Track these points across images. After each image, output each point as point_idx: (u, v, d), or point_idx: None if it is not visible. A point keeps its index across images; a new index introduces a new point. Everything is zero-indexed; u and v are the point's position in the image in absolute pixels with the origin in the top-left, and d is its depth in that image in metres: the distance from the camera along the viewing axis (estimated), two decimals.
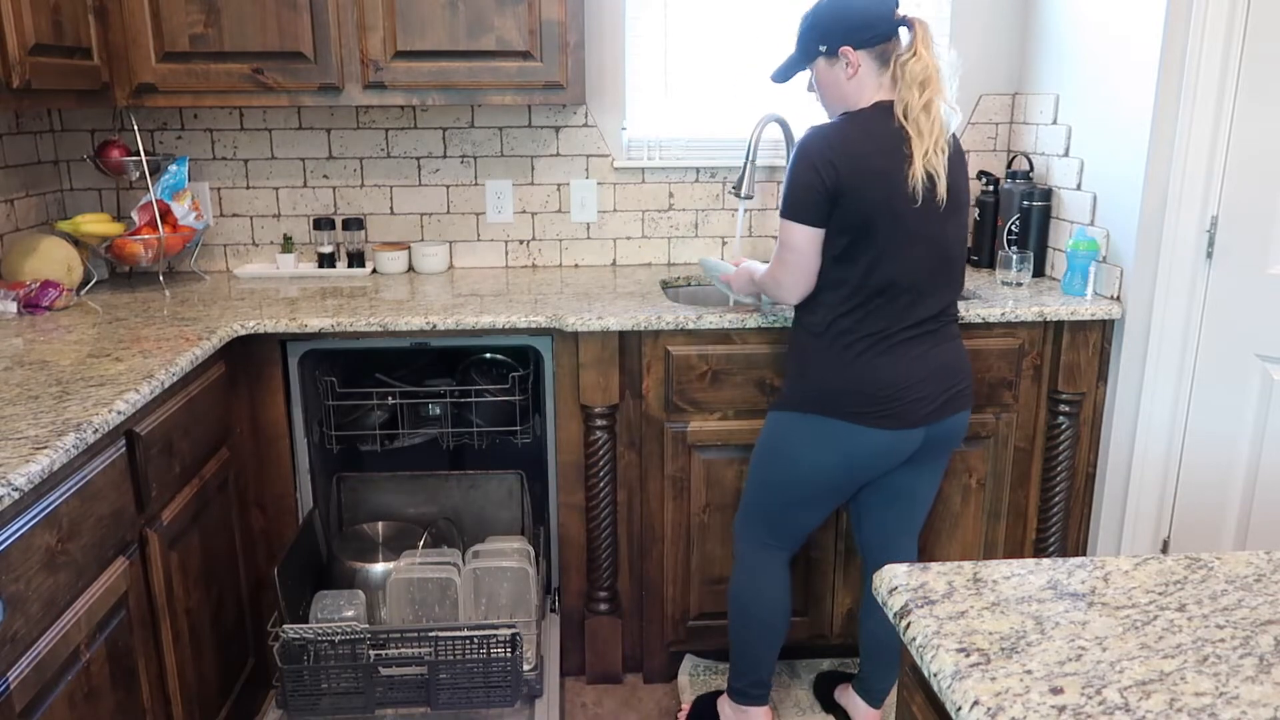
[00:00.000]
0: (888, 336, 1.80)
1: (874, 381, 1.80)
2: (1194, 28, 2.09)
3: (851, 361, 1.81)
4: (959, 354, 1.89)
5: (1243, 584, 0.99)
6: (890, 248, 1.76)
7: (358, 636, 1.92)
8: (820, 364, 1.85)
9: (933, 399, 1.83)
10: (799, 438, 1.89)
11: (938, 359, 1.84)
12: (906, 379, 1.81)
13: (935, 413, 1.84)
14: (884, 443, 1.84)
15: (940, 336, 1.85)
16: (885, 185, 1.73)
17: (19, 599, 1.26)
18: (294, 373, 2.23)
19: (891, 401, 1.80)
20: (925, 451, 1.90)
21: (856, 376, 1.81)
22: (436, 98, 2.38)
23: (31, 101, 2.02)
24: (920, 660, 0.89)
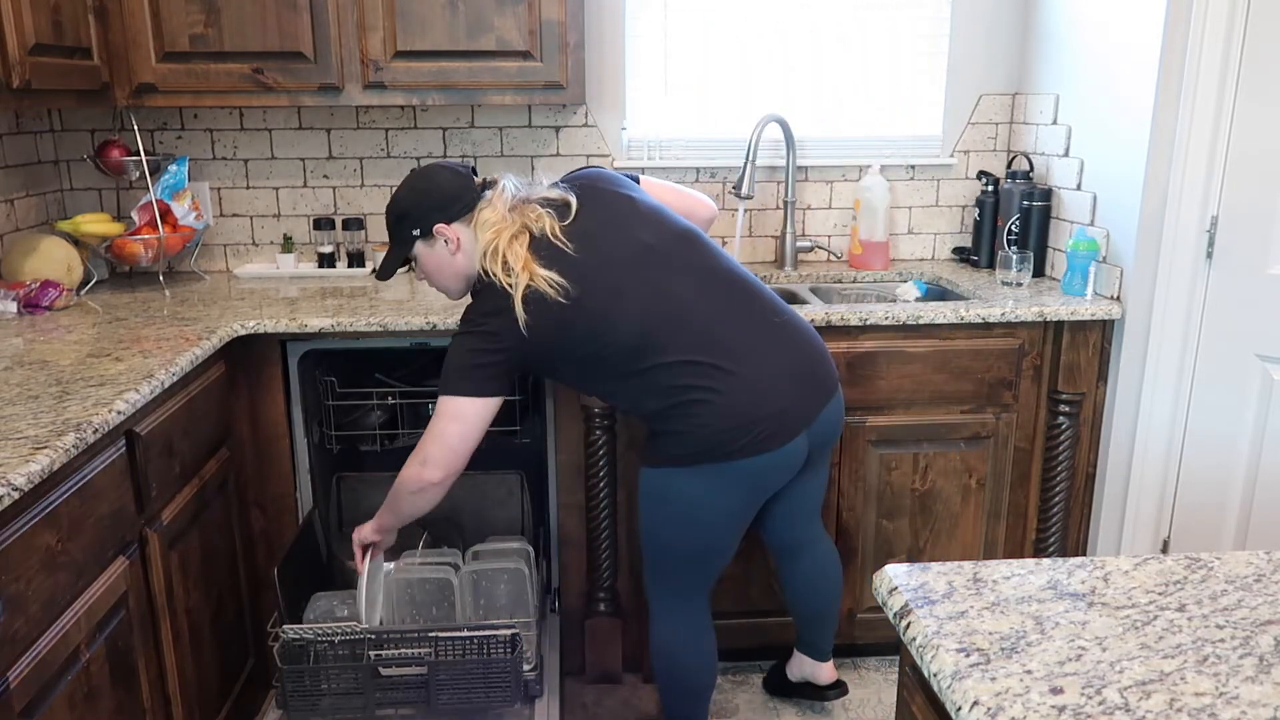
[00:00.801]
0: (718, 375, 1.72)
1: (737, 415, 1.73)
2: (1194, 28, 2.09)
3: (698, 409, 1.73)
4: (797, 343, 1.82)
5: (1243, 584, 0.99)
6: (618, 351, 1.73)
7: (358, 637, 1.92)
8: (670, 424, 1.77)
9: (799, 401, 1.79)
10: (694, 494, 1.80)
11: (776, 363, 1.78)
12: (761, 399, 1.75)
13: (807, 411, 1.81)
14: (776, 462, 1.79)
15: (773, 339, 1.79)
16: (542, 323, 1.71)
17: (19, 599, 1.26)
18: (294, 373, 2.23)
19: (762, 425, 1.74)
20: (818, 447, 1.90)
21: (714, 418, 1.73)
22: (436, 98, 2.38)
23: (31, 101, 2.02)
24: (920, 660, 0.89)
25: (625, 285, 1.74)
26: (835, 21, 2.75)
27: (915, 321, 2.23)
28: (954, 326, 2.26)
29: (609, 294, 1.73)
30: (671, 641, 1.97)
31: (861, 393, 2.27)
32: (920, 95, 2.81)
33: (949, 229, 2.89)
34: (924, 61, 2.79)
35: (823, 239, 2.87)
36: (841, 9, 2.74)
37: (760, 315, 1.81)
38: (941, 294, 2.60)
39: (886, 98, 2.81)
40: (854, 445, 2.31)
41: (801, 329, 1.87)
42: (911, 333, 2.26)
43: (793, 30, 2.76)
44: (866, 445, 2.31)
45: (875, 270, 2.75)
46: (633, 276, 1.75)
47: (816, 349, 1.87)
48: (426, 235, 1.82)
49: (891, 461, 2.33)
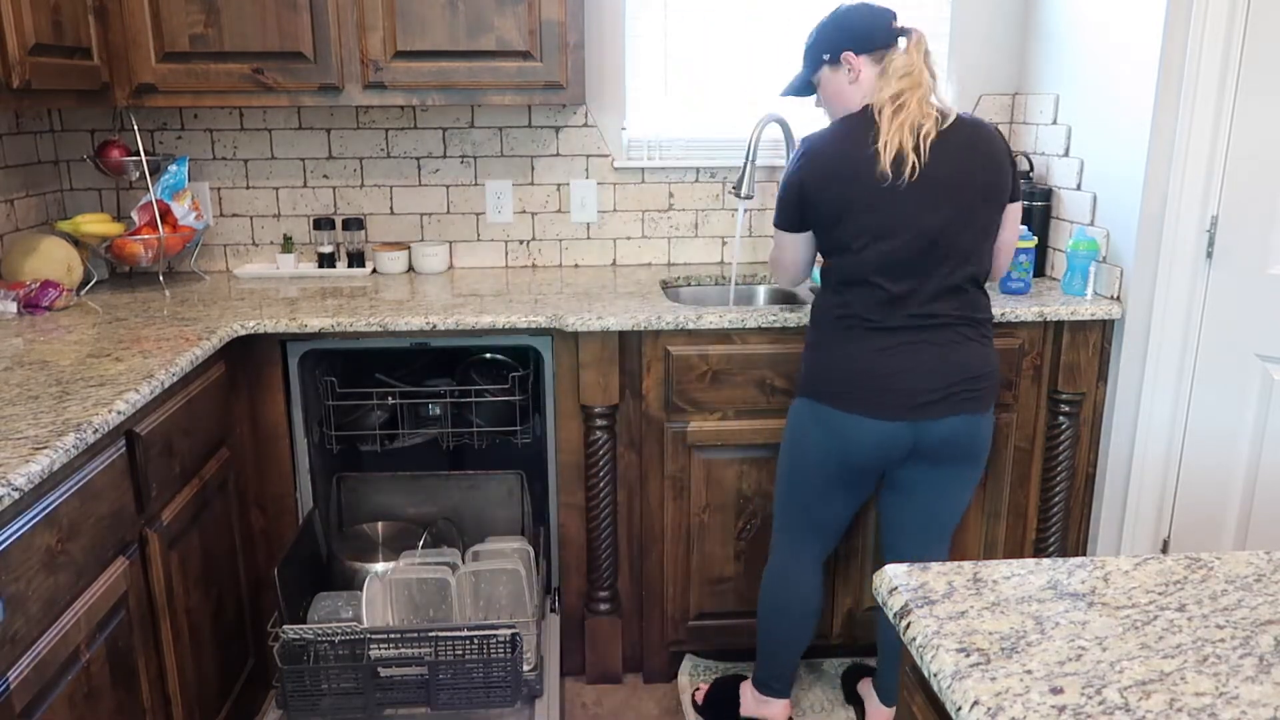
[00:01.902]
0: (868, 324, 1.82)
1: (851, 367, 1.84)
2: (1194, 28, 2.09)
3: (833, 347, 1.87)
4: (972, 355, 1.85)
5: (1243, 584, 0.99)
6: (862, 239, 1.80)
7: (358, 637, 1.92)
8: (814, 349, 1.92)
9: (922, 394, 1.81)
10: (799, 423, 1.95)
11: (937, 355, 1.82)
12: (889, 369, 1.81)
13: (925, 409, 1.82)
14: (869, 431, 1.84)
15: (938, 336, 1.83)
16: (851, 182, 1.78)
17: (19, 599, 1.26)
18: (294, 373, 2.23)
19: (870, 389, 1.82)
20: (930, 452, 1.87)
21: (835, 363, 1.86)
22: (436, 98, 2.38)
23: (31, 101, 2.02)
24: (920, 660, 0.89)
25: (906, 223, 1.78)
26: None
27: None
28: None
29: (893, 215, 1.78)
30: (770, 574, 2.09)
31: None
32: None
33: None
34: None
35: None
36: None
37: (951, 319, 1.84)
38: None
39: None
40: None
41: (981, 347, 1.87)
42: None
43: (793, 30, 2.75)
44: None
45: None
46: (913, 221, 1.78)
47: (979, 367, 1.86)
48: (834, 62, 1.86)
49: None
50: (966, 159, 1.81)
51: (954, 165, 1.79)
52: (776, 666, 2.11)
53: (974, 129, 1.84)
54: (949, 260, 1.81)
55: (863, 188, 1.78)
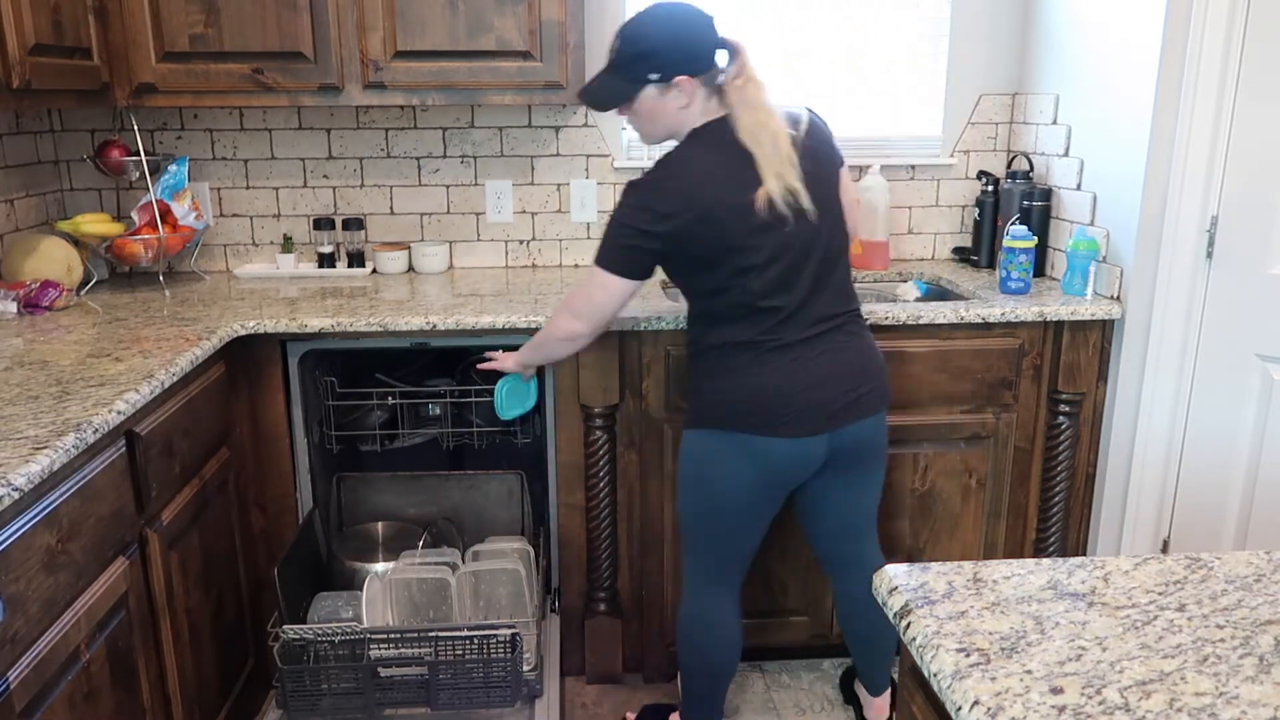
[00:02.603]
0: (766, 346, 1.77)
1: (759, 390, 1.77)
2: (1194, 28, 2.09)
3: (735, 373, 1.79)
4: (861, 356, 1.84)
5: (1243, 584, 0.99)
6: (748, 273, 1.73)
7: (358, 637, 1.92)
8: (709, 378, 1.83)
9: (828, 405, 1.79)
10: (712, 456, 1.84)
11: (831, 364, 1.79)
12: (793, 386, 1.77)
13: (833, 419, 1.80)
14: (785, 451, 1.80)
15: (833, 340, 1.80)
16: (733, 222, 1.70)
17: (19, 599, 1.26)
18: (294, 373, 2.23)
19: (781, 410, 1.77)
20: (841, 460, 1.86)
21: (741, 387, 1.78)
22: (436, 98, 2.38)
23: (31, 101, 2.02)
24: (920, 660, 0.89)
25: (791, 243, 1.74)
26: (835, 21, 2.75)
27: (915, 321, 2.23)
28: (954, 326, 2.26)
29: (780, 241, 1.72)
30: (687, 619, 2.00)
31: None
32: (920, 95, 2.81)
33: (949, 229, 2.89)
34: (924, 61, 2.79)
35: None
36: (842, 9, 2.74)
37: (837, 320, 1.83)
38: (941, 294, 2.60)
39: (886, 98, 2.81)
40: None
41: (866, 343, 1.87)
42: (911, 333, 2.26)
43: (793, 30, 2.76)
44: None
45: (875, 270, 2.75)
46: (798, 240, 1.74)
47: (872, 366, 1.86)
48: (664, 82, 1.73)
49: (891, 461, 2.33)
50: (818, 161, 1.78)
51: (814, 172, 1.76)
52: (707, 707, 2.06)
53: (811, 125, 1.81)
54: (831, 259, 1.80)
55: (738, 231, 1.70)
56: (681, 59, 1.72)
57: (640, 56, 1.73)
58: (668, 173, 1.73)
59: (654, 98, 1.75)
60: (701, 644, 1.99)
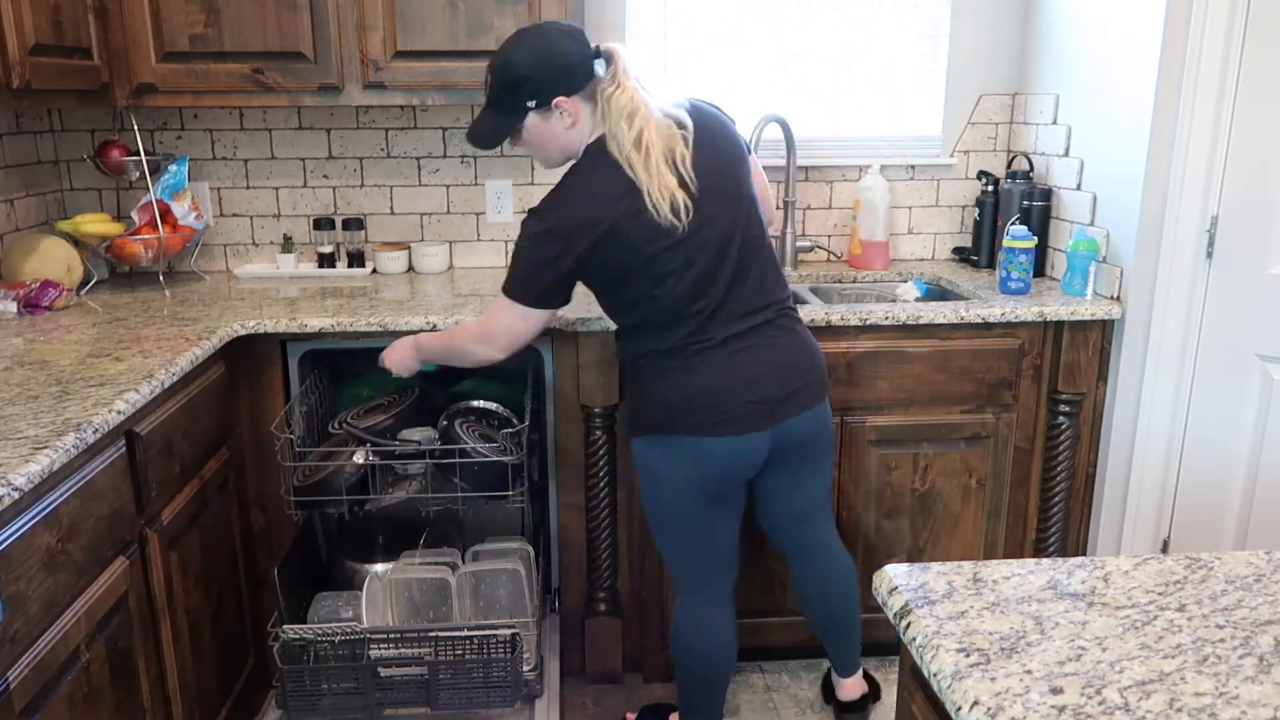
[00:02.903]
0: (694, 348, 1.77)
1: (694, 391, 1.77)
2: (1194, 28, 2.09)
3: (668, 378, 1.79)
4: (796, 350, 1.83)
5: (1243, 584, 0.99)
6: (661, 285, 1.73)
7: (358, 637, 1.92)
8: (646, 383, 1.83)
9: (766, 402, 1.79)
10: (655, 463, 1.85)
11: (765, 360, 1.79)
12: (728, 384, 1.77)
13: (771, 415, 1.79)
14: (727, 449, 1.79)
15: (763, 336, 1.80)
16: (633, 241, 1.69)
17: (19, 599, 1.26)
18: (294, 373, 2.23)
19: (718, 409, 1.76)
20: (785, 453, 1.86)
21: (676, 390, 1.78)
22: (436, 98, 2.38)
23: (31, 101, 2.02)
24: (920, 660, 0.89)
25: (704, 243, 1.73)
26: (835, 21, 2.75)
27: (915, 321, 2.23)
28: (954, 326, 2.26)
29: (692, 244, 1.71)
30: (678, 627, 2.00)
31: (861, 393, 2.27)
32: (920, 95, 2.81)
33: (949, 229, 2.89)
34: (924, 61, 2.79)
35: (823, 239, 2.87)
36: (841, 9, 2.74)
37: (766, 313, 1.81)
38: (941, 294, 2.60)
39: (886, 98, 2.81)
40: (854, 445, 2.31)
41: (801, 337, 1.87)
42: (911, 333, 2.26)
43: (793, 30, 2.76)
44: (866, 445, 2.31)
45: (875, 270, 2.75)
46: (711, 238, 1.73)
47: (808, 359, 1.86)
48: (543, 107, 1.72)
49: (891, 461, 2.33)
50: (718, 154, 1.77)
51: (713, 167, 1.75)
52: (705, 709, 2.05)
53: (706, 119, 1.79)
54: (748, 254, 1.79)
55: (646, 242, 1.69)
56: (554, 80, 1.70)
57: (512, 86, 1.72)
58: (565, 196, 1.72)
59: (538, 124, 1.75)
60: (695, 651, 1.99)
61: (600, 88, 1.72)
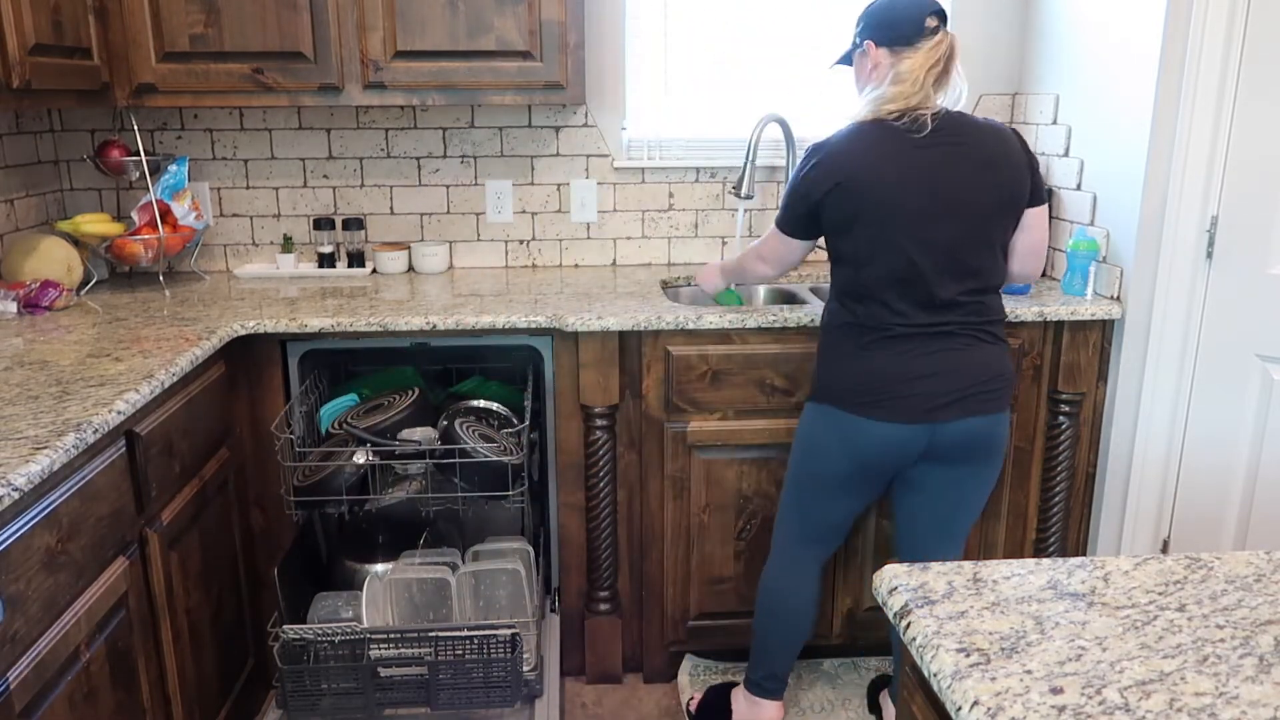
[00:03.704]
0: (887, 331, 1.82)
1: (869, 372, 1.83)
2: (1194, 28, 2.09)
3: (851, 353, 1.86)
4: (985, 357, 1.85)
5: (1243, 584, 0.99)
6: (867, 253, 1.80)
7: (358, 637, 1.92)
8: (828, 355, 1.93)
9: (936, 397, 1.81)
10: (812, 426, 1.95)
11: (951, 359, 1.82)
12: (905, 373, 1.81)
13: (939, 411, 1.82)
14: (882, 435, 1.84)
15: (955, 341, 1.83)
16: (856, 193, 1.78)
17: (19, 599, 1.26)
18: (294, 373, 2.23)
19: (884, 393, 1.82)
20: (944, 454, 1.87)
21: (854, 367, 1.86)
22: (436, 98, 2.38)
23: (31, 101, 2.02)
24: (920, 660, 0.89)
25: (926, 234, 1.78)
26: (835, 21, 2.75)
27: None
28: None
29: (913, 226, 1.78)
30: (766, 580, 2.08)
31: None
32: None
33: None
34: None
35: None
36: (842, 9, 2.74)
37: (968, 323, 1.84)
38: None
39: None
40: None
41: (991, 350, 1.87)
42: None
43: (793, 30, 2.76)
44: None
45: None
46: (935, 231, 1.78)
47: (989, 369, 1.86)
48: (860, 46, 1.86)
49: None
50: (982, 173, 1.79)
51: (965, 179, 1.78)
52: (770, 667, 2.12)
53: (992, 139, 1.82)
54: (958, 275, 1.80)
55: (867, 200, 1.77)
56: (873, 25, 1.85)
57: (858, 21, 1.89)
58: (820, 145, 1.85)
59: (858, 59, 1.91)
60: (778, 603, 2.06)
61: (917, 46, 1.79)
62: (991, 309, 1.87)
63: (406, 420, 2.18)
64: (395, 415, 2.17)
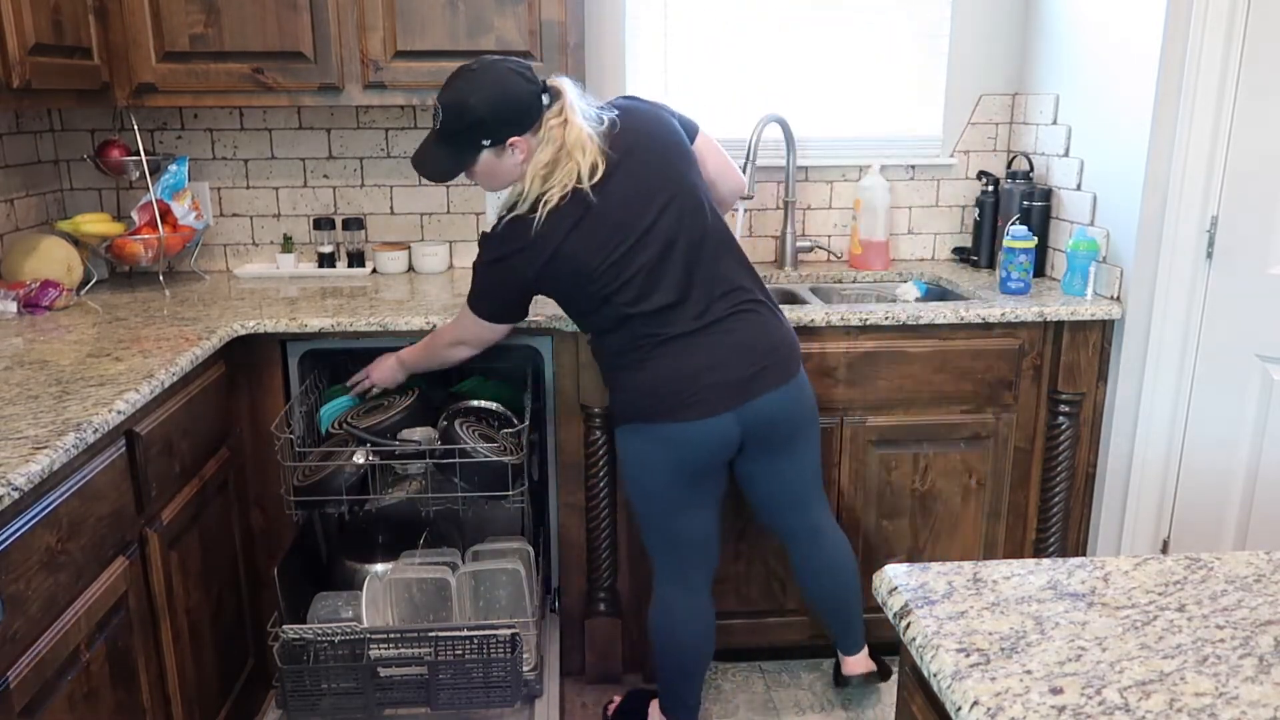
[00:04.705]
0: (653, 342, 1.83)
1: (657, 380, 1.83)
2: (1194, 28, 2.09)
3: (632, 370, 1.86)
4: (760, 332, 1.86)
5: (1243, 584, 0.99)
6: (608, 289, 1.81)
7: (358, 637, 1.92)
8: (615, 376, 1.92)
9: (728, 383, 1.82)
10: (631, 450, 1.93)
11: (726, 344, 1.83)
12: (689, 370, 1.82)
13: (736, 396, 1.83)
14: (695, 432, 1.84)
15: (725, 324, 1.83)
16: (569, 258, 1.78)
17: (19, 599, 1.26)
18: (294, 373, 2.23)
19: (680, 395, 1.82)
20: (759, 434, 1.89)
21: (641, 380, 1.85)
22: None
23: (31, 101, 2.02)
24: (920, 660, 0.89)
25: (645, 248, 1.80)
26: (835, 21, 2.75)
27: (915, 321, 2.23)
28: (954, 326, 2.26)
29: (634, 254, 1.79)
30: (654, 616, 2.05)
31: (861, 393, 2.27)
32: (920, 95, 2.81)
33: (949, 229, 2.89)
34: (924, 61, 2.79)
35: (823, 239, 2.87)
36: (841, 9, 2.74)
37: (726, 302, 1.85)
38: (941, 294, 2.60)
39: (886, 98, 2.81)
40: (854, 445, 2.31)
41: (765, 319, 1.88)
42: (911, 333, 2.26)
43: (792, 30, 2.76)
44: (866, 445, 2.31)
45: (875, 270, 2.75)
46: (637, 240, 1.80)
47: (773, 339, 1.87)
48: (497, 145, 1.80)
49: (891, 461, 2.33)
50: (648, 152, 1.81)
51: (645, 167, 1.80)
52: (680, 695, 2.08)
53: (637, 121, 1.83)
54: (695, 246, 1.82)
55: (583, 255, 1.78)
56: (509, 121, 1.78)
57: (468, 128, 1.78)
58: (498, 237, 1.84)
59: (490, 160, 1.82)
60: (674, 634, 2.03)
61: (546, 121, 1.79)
62: (740, 284, 1.87)
63: (406, 420, 2.17)
64: (395, 415, 2.16)
